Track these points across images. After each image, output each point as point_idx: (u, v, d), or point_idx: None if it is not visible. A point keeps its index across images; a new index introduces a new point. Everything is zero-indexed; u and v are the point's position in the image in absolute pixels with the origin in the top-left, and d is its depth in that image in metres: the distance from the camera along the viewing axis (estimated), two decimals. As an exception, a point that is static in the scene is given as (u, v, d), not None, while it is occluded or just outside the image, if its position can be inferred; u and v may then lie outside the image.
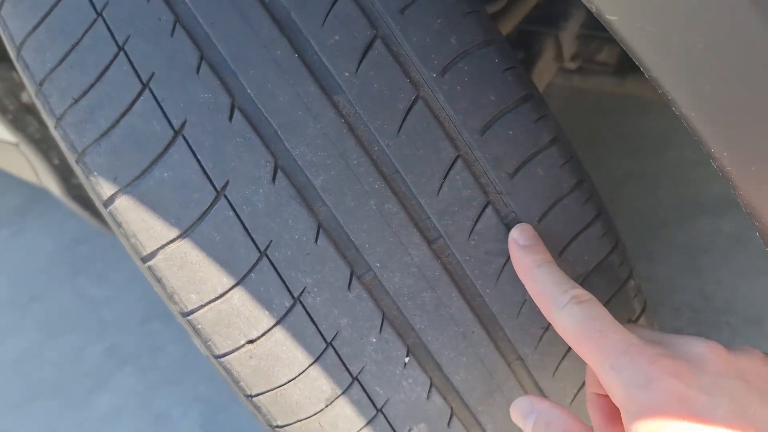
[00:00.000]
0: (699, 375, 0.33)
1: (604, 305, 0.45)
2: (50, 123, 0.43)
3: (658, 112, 1.33)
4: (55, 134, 0.43)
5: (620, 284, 0.47)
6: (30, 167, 1.18)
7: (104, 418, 1.35)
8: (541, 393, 0.47)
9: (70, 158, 0.43)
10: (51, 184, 1.12)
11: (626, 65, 1.05)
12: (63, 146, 0.43)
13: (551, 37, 1.06)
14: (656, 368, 0.33)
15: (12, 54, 0.45)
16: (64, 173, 1.08)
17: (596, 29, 1.05)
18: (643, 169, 1.26)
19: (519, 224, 0.42)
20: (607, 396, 0.42)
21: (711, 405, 0.32)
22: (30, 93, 0.46)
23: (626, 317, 0.48)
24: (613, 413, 0.42)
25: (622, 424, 0.42)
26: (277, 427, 0.44)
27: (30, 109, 1.02)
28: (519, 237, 0.42)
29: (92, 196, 0.44)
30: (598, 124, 1.36)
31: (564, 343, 0.46)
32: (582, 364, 0.47)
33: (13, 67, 0.98)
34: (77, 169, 0.43)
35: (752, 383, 0.33)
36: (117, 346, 1.51)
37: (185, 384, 1.34)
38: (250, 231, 0.40)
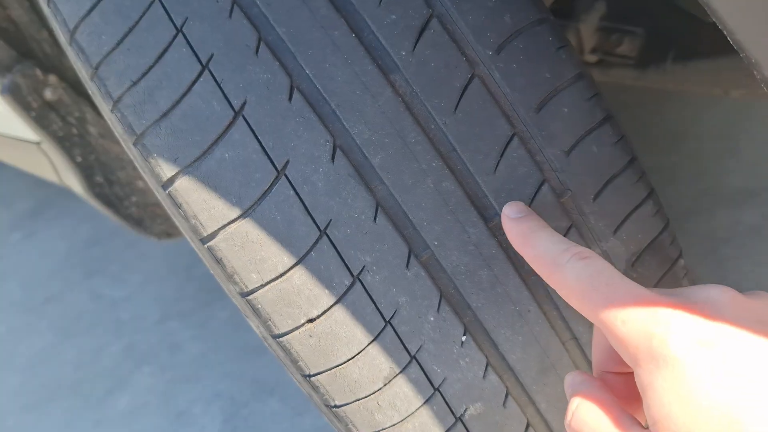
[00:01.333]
0: (717, 319, 0.31)
1: (656, 285, 0.45)
2: (106, 107, 0.43)
3: (677, 104, 1.33)
4: (111, 118, 0.44)
5: (671, 263, 0.47)
6: (51, 166, 1.18)
7: (124, 417, 1.35)
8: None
9: (127, 141, 0.43)
10: (73, 182, 1.13)
11: (647, 57, 1.05)
12: (119, 130, 0.44)
13: (572, 30, 1.06)
14: (672, 317, 0.30)
15: (64, 38, 0.45)
16: (86, 171, 1.08)
17: (617, 21, 1.05)
18: (662, 161, 1.26)
19: (511, 201, 0.42)
20: (620, 374, 0.39)
21: (733, 347, 0.29)
22: (84, 78, 0.46)
23: (676, 296, 0.49)
24: (629, 392, 0.38)
25: (640, 403, 0.38)
26: (335, 407, 0.45)
27: (53, 107, 1.02)
28: (510, 211, 0.41)
29: (149, 179, 0.45)
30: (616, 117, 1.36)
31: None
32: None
33: (37, 64, 0.98)
34: (134, 153, 0.44)
35: None
36: (135, 346, 1.51)
37: (205, 381, 1.34)
38: (310, 210, 0.41)
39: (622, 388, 0.38)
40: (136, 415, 1.34)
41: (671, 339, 0.30)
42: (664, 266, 0.47)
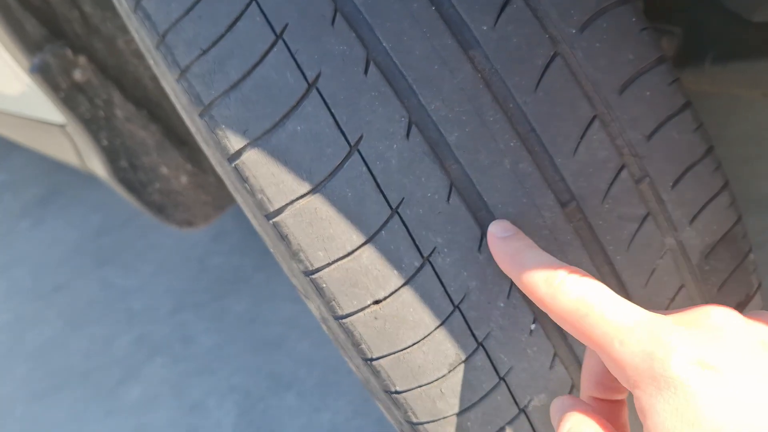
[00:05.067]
0: (720, 342, 0.30)
1: (728, 278, 0.44)
2: (171, 76, 0.42)
3: (706, 108, 1.32)
4: (176, 88, 0.42)
5: (743, 257, 0.46)
6: (73, 149, 1.17)
7: (136, 408, 1.34)
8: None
9: (192, 113, 0.42)
10: (96, 166, 1.11)
11: (684, 58, 1.04)
12: (184, 101, 0.42)
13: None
14: (673, 338, 0.29)
15: (128, 5, 0.44)
16: (111, 155, 1.07)
17: (654, 20, 1.04)
18: (689, 165, 1.25)
19: (494, 220, 0.40)
20: (607, 402, 0.37)
21: (738, 372, 0.28)
22: (147, 47, 0.45)
23: (745, 292, 0.47)
24: (615, 420, 0.37)
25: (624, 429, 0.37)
26: (395, 392, 0.43)
27: (81, 89, 1.01)
28: (497, 230, 0.40)
29: (212, 152, 0.43)
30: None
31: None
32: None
33: (67, 44, 0.97)
34: (198, 124, 0.42)
35: None
36: (147, 336, 1.49)
37: (220, 374, 1.33)
38: (382, 187, 0.39)
39: (607, 417, 0.37)
40: (148, 407, 1.33)
41: (674, 360, 0.29)
42: (736, 260, 0.46)
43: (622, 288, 0.43)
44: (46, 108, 1.05)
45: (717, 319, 0.31)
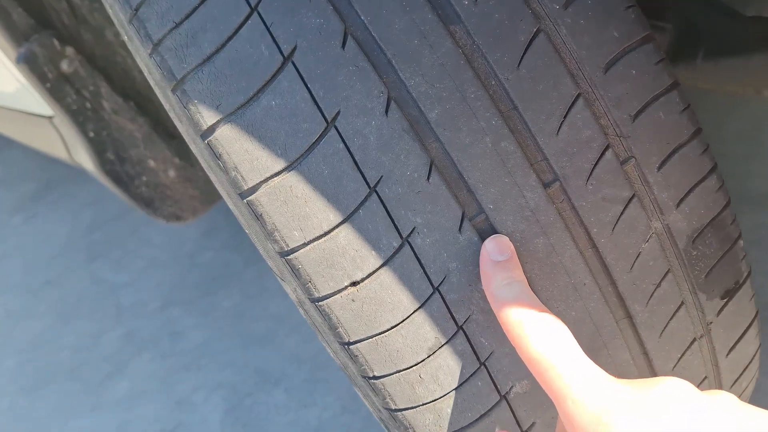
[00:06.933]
0: (663, 413, 0.31)
1: (716, 264, 0.43)
2: (144, 51, 0.41)
3: (700, 106, 1.31)
4: (149, 63, 0.41)
5: (732, 243, 0.45)
6: (61, 142, 1.16)
7: (123, 402, 1.32)
8: (646, 354, 0.45)
9: (165, 88, 0.41)
10: (84, 158, 1.10)
11: (676, 55, 1.03)
12: (156, 76, 0.41)
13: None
14: (619, 408, 0.32)
15: (102, -20, 0.42)
16: (98, 147, 1.06)
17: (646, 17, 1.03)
18: (683, 163, 1.24)
19: (495, 235, 0.40)
20: None
21: None
22: (120, 22, 0.44)
23: (734, 279, 0.46)
24: None
25: None
26: (373, 378, 0.42)
27: (68, 79, 1.00)
28: (492, 250, 0.39)
29: (185, 129, 0.42)
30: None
31: (673, 301, 0.44)
32: (687, 326, 0.45)
33: (54, 35, 0.95)
34: (171, 100, 0.41)
35: (721, 426, 0.31)
36: (135, 332, 1.48)
37: (207, 370, 1.31)
38: (360, 165, 0.38)
39: None
40: (134, 402, 1.31)
41: (614, 429, 0.31)
42: (725, 245, 0.45)
43: (606, 271, 0.42)
44: (34, 100, 1.04)
45: (667, 390, 0.32)
